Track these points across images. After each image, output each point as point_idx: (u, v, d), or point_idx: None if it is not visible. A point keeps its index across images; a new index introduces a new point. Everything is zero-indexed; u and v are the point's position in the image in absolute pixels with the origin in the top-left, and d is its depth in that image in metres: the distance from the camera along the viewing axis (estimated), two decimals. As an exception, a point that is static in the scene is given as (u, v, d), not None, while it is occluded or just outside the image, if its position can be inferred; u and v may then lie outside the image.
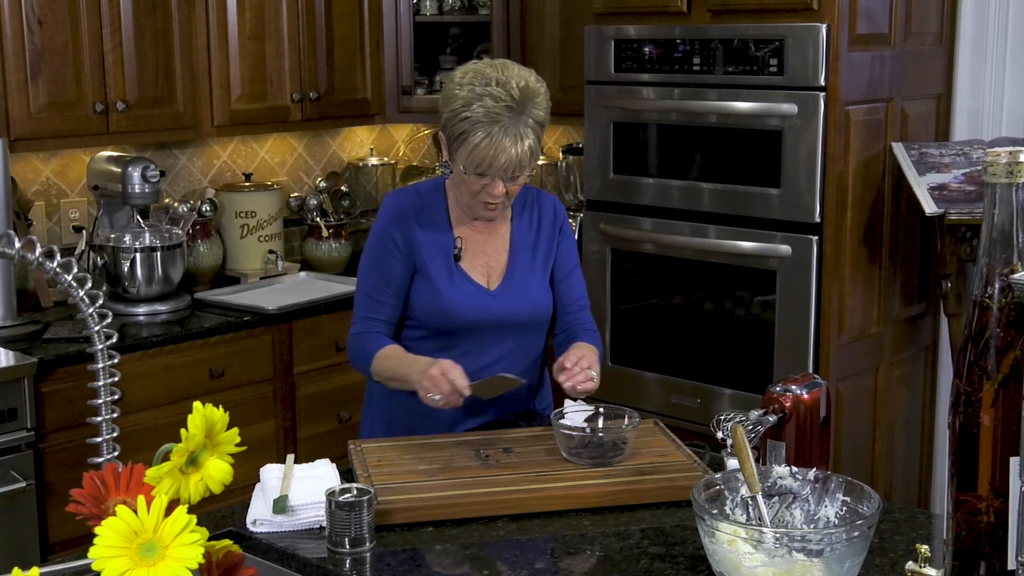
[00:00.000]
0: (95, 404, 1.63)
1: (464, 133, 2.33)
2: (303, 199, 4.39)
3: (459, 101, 2.33)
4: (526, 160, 2.35)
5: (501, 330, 2.51)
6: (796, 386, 1.99)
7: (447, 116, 2.37)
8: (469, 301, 2.47)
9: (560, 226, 2.60)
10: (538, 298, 2.55)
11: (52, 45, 3.47)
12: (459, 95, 2.34)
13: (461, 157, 2.36)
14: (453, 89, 2.36)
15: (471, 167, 2.35)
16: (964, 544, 1.47)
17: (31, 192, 3.81)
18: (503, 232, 2.56)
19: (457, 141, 2.35)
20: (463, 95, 2.33)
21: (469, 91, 2.33)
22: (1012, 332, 1.40)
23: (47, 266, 1.57)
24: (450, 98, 2.36)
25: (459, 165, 2.38)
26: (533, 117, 2.34)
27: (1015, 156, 1.39)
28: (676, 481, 2.11)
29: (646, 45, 3.58)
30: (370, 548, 1.91)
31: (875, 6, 3.35)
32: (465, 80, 2.35)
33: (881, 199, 3.47)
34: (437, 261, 2.48)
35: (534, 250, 2.57)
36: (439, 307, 2.47)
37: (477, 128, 2.31)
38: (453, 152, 2.38)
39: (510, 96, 2.31)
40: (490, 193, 2.38)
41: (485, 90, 2.32)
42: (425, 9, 4.52)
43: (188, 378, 3.52)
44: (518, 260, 2.55)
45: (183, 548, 1.20)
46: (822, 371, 3.33)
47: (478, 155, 2.32)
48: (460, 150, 2.35)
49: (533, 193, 2.61)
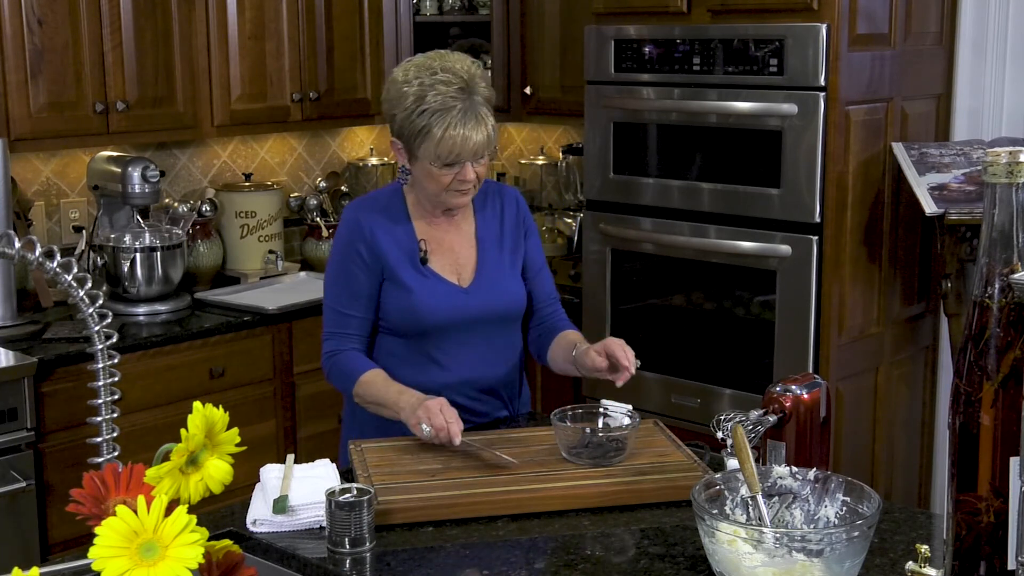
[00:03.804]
0: (95, 404, 1.63)
1: (426, 127, 2.31)
2: (303, 199, 4.39)
3: (411, 98, 2.32)
4: (492, 139, 2.37)
5: (478, 326, 2.50)
6: (796, 386, 1.99)
7: (401, 117, 2.34)
8: (443, 301, 2.46)
9: (524, 218, 2.60)
10: (513, 290, 2.55)
11: (52, 45, 3.47)
12: (409, 92, 2.33)
13: (427, 153, 2.33)
14: (400, 88, 2.35)
15: (440, 159, 2.34)
16: (964, 544, 1.47)
17: (31, 192, 3.81)
18: (467, 228, 2.55)
19: (419, 137, 2.33)
20: (413, 91, 2.32)
21: (419, 85, 2.32)
22: (1012, 332, 1.40)
23: (47, 266, 1.57)
24: (399, 97, 2.34)
25: (424, 162, 2.36)
26: (483, 96, 2.35)
27: (1015, 156, 1.39)
28: (676, 481, 2.11)
29: (646, 45, 3.58)
30: (370, 548, 1.91)
31: (875, 6, 3.35)
32: (410, 76, 2.34)
33: (881, 199, 3.47)
34: (405, 265, 2.45)
35: (501, 242, 2.56)
36: (413, 310, 2.44)
37: (437, 118, 2.30)
38: (415, 150, 2.36)
39: (460, 79, 2.32)
40: (462, 180, 2.37)
41: (433, 79, 2.31)
42: (425, 9, 4.52)
43: (188, 378, 3.52)
44: (487, 254, 2.54)
45: (183, 548, 1.20)
46: (822, 371, 3.33)
47: (446, 146, 2.31)
48: (424, 145, 2.33)
49: (494, 187, 2.61)
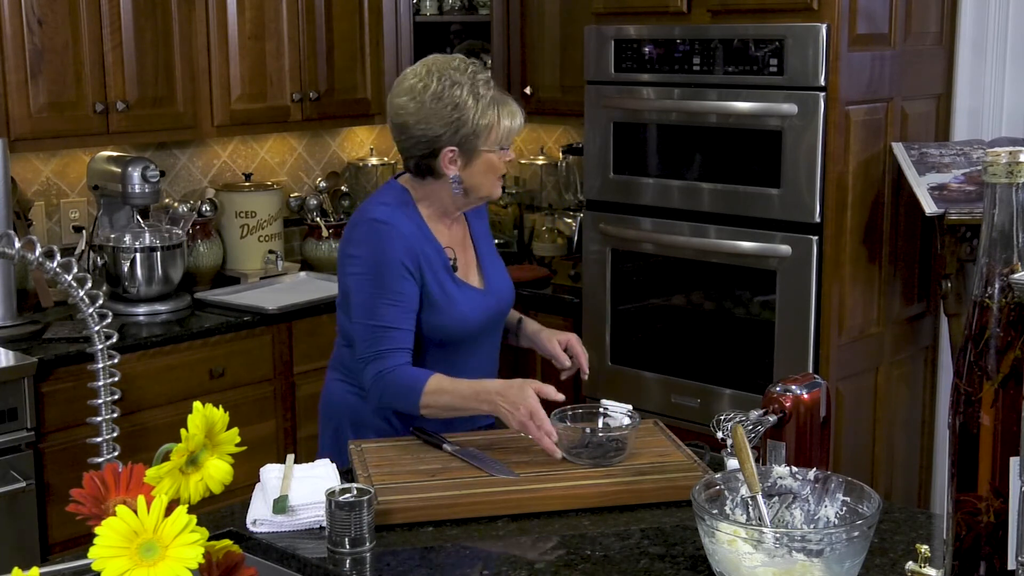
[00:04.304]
0: (95, 404, 1.63)
1: (493, 116, 2.39)
2: (303, 199, 4.39)
3: (467, 99, 2.37)
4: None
5: (491, 326, 2.53)
6: (796, 386, 1.99)
7: (466, 120, 2.37)
8: (476, 306, 2.47)
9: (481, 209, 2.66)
10: (510, 283, 2.61)
11: (52, 45, 3.47)
12: (462, 95, 2.37)
13: (493, 142, 2.40)
14: (453, 98, 2.37)
15: (499, 144, 2.42)
16: (964, 544, 1.47)
17: (31, 192, 3.81)
18: (463, 230, 2.57)
19: (487, 131, 2.39)
20: (464, 94, 2.37)
21: (468, 86, 2.38)
22: (1012, 332, 1.40)
23: (47, 266, 1.57)
24: (453, 106, 2.37)
25: (489, 155, 2.41)
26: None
27: (1015, 156, 1.39)
28: (676, 481, 2.11)
29: (646, 45, 3.58)
30: (370, 548, 1.91)
31: (875, 6, 3.35)
32: (445, 83, 2.38)
33: (881, 199, 3.47)
34: (443, 275, 2.45)
35: (488, 238, 2.63)
36: (455, 318, 2.44)
37: (494, 104, 2.39)
38: (480, 145, 2.40)
39: (474, 66, 2.44)
40: (509, 160, 2.46)
41: (466, 76, 2.39)
42: (425, 9, 4.52)
43: (188, 378, 3.52)
44: (484, 252, 2.59)
45: (183, 548, 1.20)
46: (822, 371, 3.33)
47: (506, 127, 2.41)
48: (489, 137, 2.39)
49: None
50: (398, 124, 2.42)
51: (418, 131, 2.39)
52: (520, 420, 2.20)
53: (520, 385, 2.23)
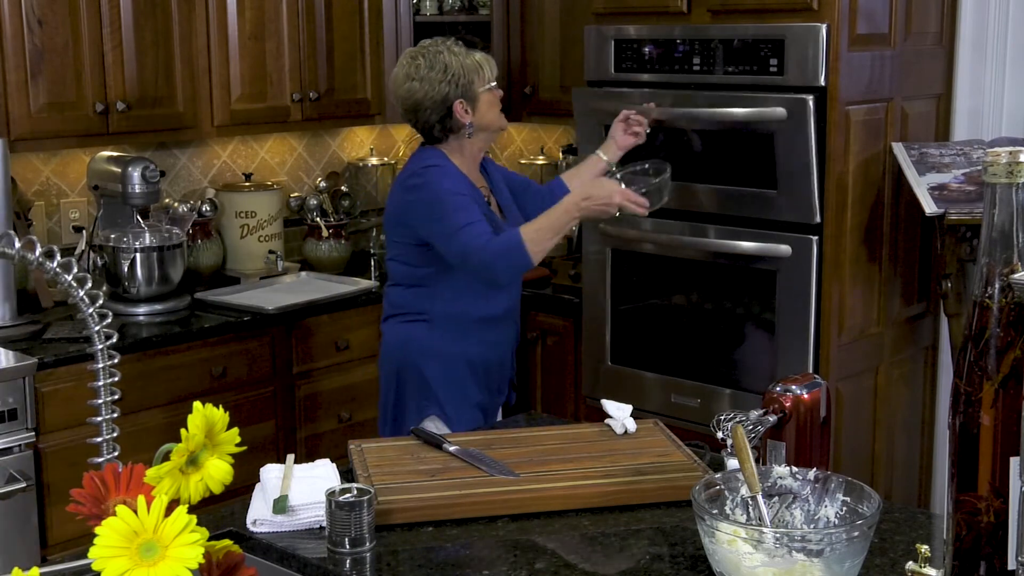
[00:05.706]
0: (95, 404, 1.63)
1: (473, 62, 2.89)
2: (303, 199, 4.39)
3: (451, 59, 2.87)
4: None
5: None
6: (796, 386, 1.99)
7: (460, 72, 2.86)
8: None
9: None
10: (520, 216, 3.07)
11: (52, 45, 3.47)
12: (446, 58, 2.87)
13: (483, 80, 2.91)
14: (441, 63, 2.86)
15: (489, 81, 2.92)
16: (964, 544, 1.47)
17: (31, 192, 3.81)
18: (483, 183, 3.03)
19: (475, 74, 2.88)
20: (447, 55, 2.87)
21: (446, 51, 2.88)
22: (1012, 332, 1.40)
23: (47, 266, 1.57)
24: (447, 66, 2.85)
25: (487, 93, 2.91)
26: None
27: (1015, 156, 1.39)
28: (676, 481, 2.11)
29: (646, 45, 3.58)
30: (370, 548, 1.91)
31: (875, 6, 3.35)
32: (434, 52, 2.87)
33: (881, 199, 3.47)
34: (485, 209, 2.89)
35: (505, 192, 3.08)
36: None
37: (469, 54, 2.90)
38: (478, 89, 2.89)
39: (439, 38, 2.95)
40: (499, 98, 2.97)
41: (440, 45, 2.89)
42: (425, 9, 4.52)
43: (188, 378, 3.52)
44: (504, 204, 3.04)
45: (183, 548, 1.20)
46: (822, 371, 3.33)
47: (487, 65, 2.94)
48: (481, 77, 2.90)
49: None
50: (411, 106, 2.88)
51: (429, 101, 2.86)
52: (619, 204, 2.81)
53: (597, 183, 2.96)
